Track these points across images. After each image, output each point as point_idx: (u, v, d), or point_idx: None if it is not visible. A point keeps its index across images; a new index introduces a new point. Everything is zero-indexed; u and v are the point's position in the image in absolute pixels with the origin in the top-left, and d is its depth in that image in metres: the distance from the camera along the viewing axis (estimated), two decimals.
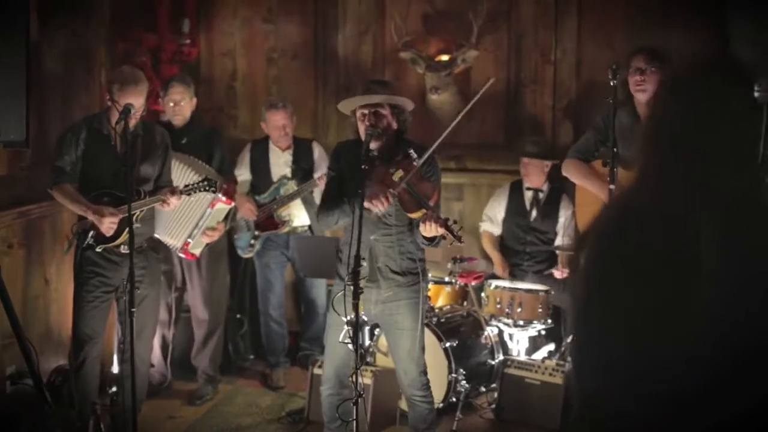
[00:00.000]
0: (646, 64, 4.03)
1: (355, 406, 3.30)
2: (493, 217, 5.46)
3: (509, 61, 5.69)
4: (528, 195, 5.33)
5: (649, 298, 1.37)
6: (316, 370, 4.52)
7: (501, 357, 4.86)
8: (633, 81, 4.09)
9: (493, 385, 4.84)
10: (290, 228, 5.28)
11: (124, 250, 3.94)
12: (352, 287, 3.22)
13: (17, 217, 4.51)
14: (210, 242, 4.71)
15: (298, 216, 5.29)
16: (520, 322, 4.89)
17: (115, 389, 4.21)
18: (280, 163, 5.32)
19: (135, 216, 3.81)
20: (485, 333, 4.91)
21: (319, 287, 5.44)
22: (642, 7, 5.31)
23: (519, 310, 4.85)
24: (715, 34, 4.93)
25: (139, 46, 5.42)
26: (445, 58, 5.55)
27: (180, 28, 5.81)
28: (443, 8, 5.73)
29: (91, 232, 3.95)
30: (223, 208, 4.63)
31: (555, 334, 5.10)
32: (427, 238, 3.44)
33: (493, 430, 4.62)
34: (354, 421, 3.31)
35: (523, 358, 4.85)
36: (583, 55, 5.54)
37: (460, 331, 4.82)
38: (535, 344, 5.08)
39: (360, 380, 3.28)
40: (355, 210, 3.33)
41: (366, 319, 3.80)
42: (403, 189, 3.38)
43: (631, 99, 4.17)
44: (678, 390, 1.33)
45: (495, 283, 5.02)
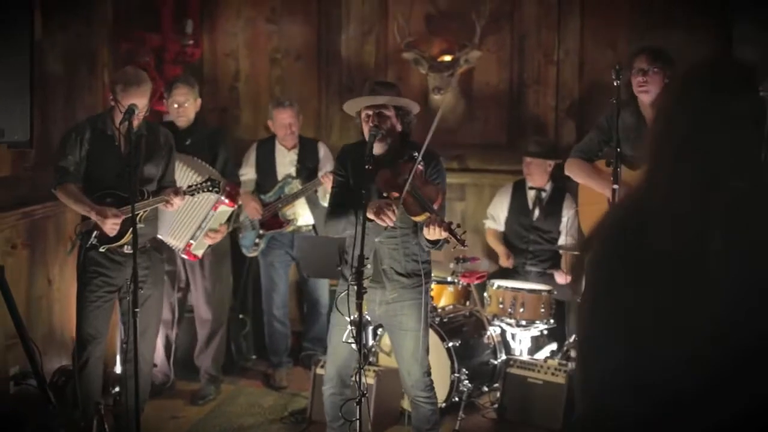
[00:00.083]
0: (648, 64, 4.03)
1: (358, 406, 3.30)
2: (496, 216, 5.47)
3: (512, 62, 5.70)
4: (531, 194, 5.34)
5: (654, 299, 1.38)
6: (319, 370, 4.52)
7: (503, 357, 4.86)
8: (636, 82, 4.09)
9: (496, 385, 4.84)
10: (295, 227, 5.28)
11: (128, 250, 3.94)
12: (356, 287, 3.23)
13: (21, 217, 4.51)
14: (212, 244, 4.72)
15: (303, 215, 5.29)
16: (523, 322, 4.90)
17: (118, 389, 4.24)
18: (286, 163, 5.32)
19: (138, 216, 3.81)
20: (488, 333, 4.91)
21: (322, 287, 5.45)
22: (644, 7, 5.32)
23: (521, 310, 4.86)
24: (717, 35, 4.94)
25: (142, 46, 5.41)
26: (447, 58, 5.55)
27: (183, 29, 5.81)
28: (446, 9, 5.73)
29: (95, 233, 3.95)
30: (225, 210, 4.63)
31: (557, 334, 5.11)
32: (430, 242, 3.44)
33: (496, 430, 4.62)
34: (357, 421, 3.32)
35: (525, 357, 4.86)
36: (586, 56, 5.55)
37: (463, 331, 4.82)
38: (537, 344, 5.08)
39: (363, 380, 3.29)
40: (358, 210, 3.33)
41: (370, 319, 3.80)
42: (407, 192, 3.38)
43: (635, 99, 4.17)
44: (679, 390, 1.33)
45: (497, 283, 5.03)
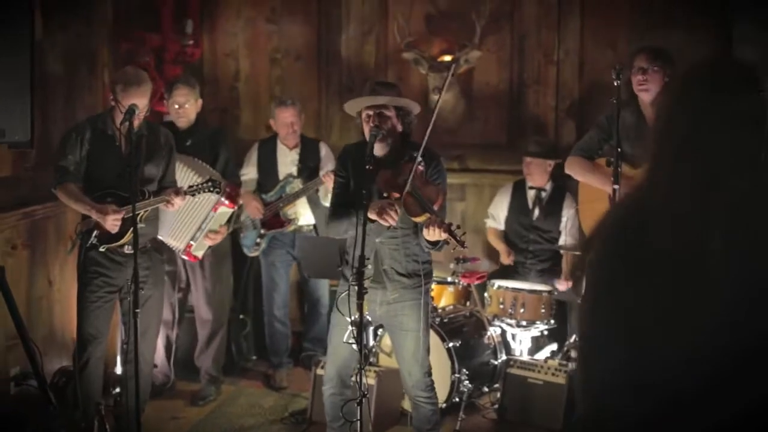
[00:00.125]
0: (648, 63, 4.04)
1: (359, 407, 3.30)
2: (496, 216, 5.47)
3: (512, 62, 5.70)
4: (531, 194, 5.34)
5: (654, 299, 1.38)
6: (319, 371, 4.52)
7: (504, 357, 4.86)
8: (636, 80, 4.10)
9: (496, 385, 4.84)
10: (296, 226, 5.28)
11: (128, 250, 3.94)
12: (357, 287, 3.23)
13: (21, 218, 4.51)
14: (212, 245, 4.71)
15: (304, 214, 5.29)
16: (523, 323, 4.89)
17: (118, 390, 4.23)
18: (287, 162, 5.32)
19: (139, 216, 3.81)
20: (488, 333, 4.91)
21: (323, 287, 5.45)
22: (644, 7, 5.32)
23: (522, 311, 4.86)
24: (717, 35, 4.94)
25: (142, 46, 5.40)
26: (448, 58, 5.54)
27: (183, 29, 5.80)
28: (446, 9, 5.73)
29: (95, 232, 3.95)
30: (225, 211, 4.63)
31: (557, 334, 5.11)
32: (430, 242, 3.44)
33: (496, 430, 4.62)
34: (358, 422, 3.32)
35: (525, 358, 4.86)
36: (586, 56, 5.55)
37: (463, 332, 4.82)
38: (537, 344, 5.08)
39: (364, 380, 3.29)
40: (359, 211, 3.33)
41: (370, 319, 3.80)
42: (407, 193, 3.37)
43: (635, 98, 4.18)
44: (680, 390, 1.33)
45: (498, 283, 5.03)
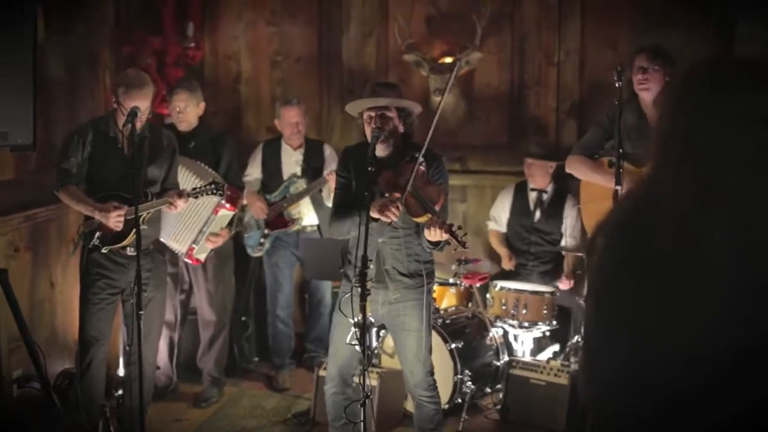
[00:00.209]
0: (648, 62, 4.07)
1: (362, 407, 3.30)
2: (498, 218, 5.47)
3: (513, 63, 5.70)
4: (532, 196, 5.34)
5: (655, 299, 1.38)
6: (322, 372, 4.52)
7: (506, 358, 4.86)
8: (636, 80, 4.12)
9: (499, 386, 4.84)
10: (300, 226, 5.28)
11: (131, 252, 3.94)
12: (359, 288, 3.23)
13: (24, 220, 4.52)
14: (214, 248, 4.71)
15: (308, 214, 5.29)
16: (525, 324, 4.90)
17: (121, 392, 4.23)
18: (291, 162, 5.33)
19: (141, 218, 3.81)
20: (490, 334, 4.91)
21: (325, 287, 5.45)
22: (645, 8, 5.33)
23: (524, 312, 4.86)
24: (717, 35, 4.94)
25: (143, 48, 5.41)
26: (448, 60, 5.55)
27: (184, 31, 5.82)
28: (447, 10, 5.74)
29: (97, 233, 3.96)
30: (226, 214, 4.62)
31: (560, 335, 5.11)
32: (431, 243, 3.45)
33: (499, 431, 4.63)
34: (361, 423, 3.32)
35: (528, 359, 4.86)
36: (587, 57, 5.56)
37: (466, 333, 4.82)
38: (539, 345, 5.08)
39: (366, 381, 3.30)
40: (362, 212, 3.34)
41: (373, 320, 3.80)
42: (408, 193, 3.38)
43: (636, 97, 4.20)
44: (680, 390, 1.33)
45: (500, 284, 5.03)
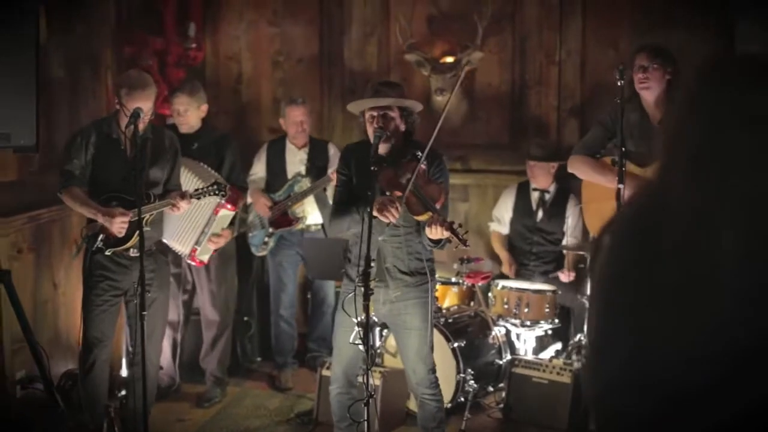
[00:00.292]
0: (648, 61, 4.10)
1: (366, 407, 3.31)
2: (501, 218, 5.48)
3: (514, 63, 5.71)
4: (534, 196, 5.35)
5: (660, 298, 1.38)
6: (325, 372, 4.53)
7: (508, 357, 4.87)
8: (637, 78, 4.15)
9: (501, 385, 4.85)
10: (304, 225, 5.28)
11: (134, 253, 3.95)
12: (363, 288, 3.24)
13: (27, 221, 4.52)
14: (216, 248, 4.71)
15: (312, 213, 5.30)
16: (528, 322, 4.90)
17: (124, 392, 4.23)
18: (296, 161, 5.34)
19: (144, 220, 3.82)
20: (492, 333, 4.92)
21: (328, 286, 5.45)
22: (646, 7, 5.33)
23: (526, 311, 4.87)
24: (718, 35, 4.95)
25: (145, 49, 5.42)
26: (450, 59, 5.56)
27: (186, 32, 5.82)
28: (448, 10, 5.74)
29: (101, 236, 3.95)
30: (227, 214, 4.61)
31: (562, 334, 5.12)
32: (432, 241, 3.45)
33: (502, 430, 4.63)
34: (365, 422, 3.33)
35: (530, 357, 4.86)
36: (588, 56, 5.56)
37: (468, 332, 4.83)
38: (542, 344, 5.09)
39: (370, 381, 3.30)
40: (365, 212, 3.34)
41: (376, 319, 3.81)
42: (409, 191, 3.39)
43: (637, 96, 4.22)
44: (681, 389, 1.33)
45: (502, 283, 5.04)
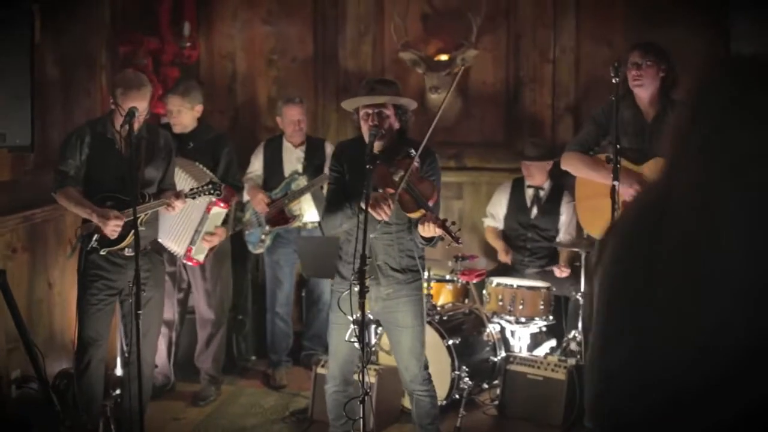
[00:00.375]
0: (641, 58, 4.14)
1: (361, 405, 3.32)
2: (495, 214, 5.50)
3: (508, 60, 5.72)
4: (529, 192, 5.37)
5: (662, 298, 1.36)
6: (320, 370, 4.54)
7: (503, 354, 4.88)
8: (630, 76, 4.19)
9: (496, 382, 4.86)
10: (300, 223, 5.29)
11: (129, 253, 3.95)
12: (358, 286, 3.24)
13: (21, 221, 4.51)
14: (211, 247, 4.71)
15: (309, 211, 5.30)
16: (522, 319, 4.92)
17: (119, 392, 4.24)
18: (293, 159, 5.35)
19: (139, 219, 3.81)
20: (487, 330, 4.93)
21: (324, 284, 5.45)
22: (640, 5, 5.34)
23: (520, 307, 4.88)
24: (715, 33, 4.96)
25: (139, 49, 5.41)
26: (444, 57, 5.57)
27: (180, 31, 5.81)
28: (442, 8, 5.75)
29: (95, 236, 3.95)
30: (219, 212, 4.60)
31: (556, 330, 5.13)
32: (425, 239, 3.46)
33: (497, 427, 4.64)
34: (361, 420, 3.34)
35: (525, 354, 4.88)
36: (582, 54, 5.57)
37: (462, 329, 4.84)
38: (536, 340, 5.11)
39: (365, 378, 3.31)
40: (360, 210, 3.35)
41: (371, 316, 3.81)
42: (402, 189, 3.40)
43: (631, 93, 4.25)
44: (682, 389, 1.33)
45: (496, 280, 5.05)
